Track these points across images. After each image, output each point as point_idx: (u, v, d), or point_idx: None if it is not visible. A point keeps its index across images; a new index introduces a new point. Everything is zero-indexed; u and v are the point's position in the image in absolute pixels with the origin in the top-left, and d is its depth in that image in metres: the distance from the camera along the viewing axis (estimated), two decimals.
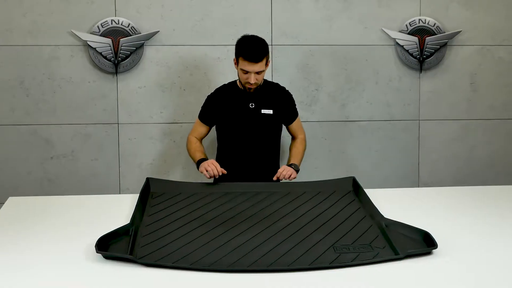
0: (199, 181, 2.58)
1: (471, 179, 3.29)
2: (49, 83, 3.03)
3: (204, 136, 2.57)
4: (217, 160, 2.56)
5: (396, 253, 1.66)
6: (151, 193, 2.16)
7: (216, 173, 2.25)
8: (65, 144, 3.08)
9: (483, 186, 2.56)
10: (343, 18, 3.15)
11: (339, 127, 3.22)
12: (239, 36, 2.44)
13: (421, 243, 1.72)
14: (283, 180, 2.39)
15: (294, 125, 2.58)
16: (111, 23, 3.01)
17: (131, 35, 3.02)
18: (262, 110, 2.45)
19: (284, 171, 2.32)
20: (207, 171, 2.26)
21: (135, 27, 3.03)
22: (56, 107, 3.05)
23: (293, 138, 2.61)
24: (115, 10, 3.03)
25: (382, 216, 1.92)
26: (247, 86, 2.38)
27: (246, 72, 2.33)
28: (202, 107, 2.52)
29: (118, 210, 2.03)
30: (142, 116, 3.11)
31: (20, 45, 3.00)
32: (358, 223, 1.90)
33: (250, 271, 1.56)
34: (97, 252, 1.61)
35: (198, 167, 2.34)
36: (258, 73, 2.33)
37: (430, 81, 3.24)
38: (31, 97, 3.04)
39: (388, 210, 1.99)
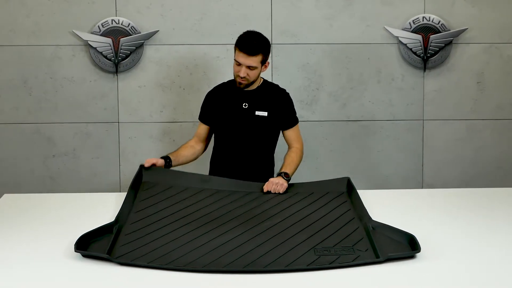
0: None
1: (477, 180, 3.20)
2: (51, 82, 3.08)
3: (205, 138, 2.49)
4: (211, 159, 2.55)
5: (377, 256, 1.62)
6: (142, 184, 2.14)
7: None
8: (67, 142, 3.12)
9: (488, 188, 2.50)
10: (345, 16, 3.10)
11: (340, 127, 3.18)
12: (238, 35, 2.39)
13: (406, 247, 1.68)
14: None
15: (290, 133, 2.43)
16: (112, 23, 3.04)
17: (131, 35, 3.04)
18: (256, 112, 2.39)
19: (273, 186, 2.16)
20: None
21: (135, 27, 3.05)
22: (58, 106, 3.09)
23: (289, 147, 2.44)
24: (116, 10, 3.05)
25: (370, 218, 1.88)
26: (238, 80, 2.34)
27: (239, 64, 2.31)
28: (201, 106, 2.51)
29: (113, 208, 2.02)
30: (142, 115, 3.12)
31: (23, 45, 3.04)
32: (344, 225, 1.86)
33: (225, 272, 1.55)
34: (75, 250, 1.62)
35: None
36: (250, 68, 2.30)
37: (434, 80, 3.17)
38: (33, 96, 3.08)
39: (384, 212, 1.95)
